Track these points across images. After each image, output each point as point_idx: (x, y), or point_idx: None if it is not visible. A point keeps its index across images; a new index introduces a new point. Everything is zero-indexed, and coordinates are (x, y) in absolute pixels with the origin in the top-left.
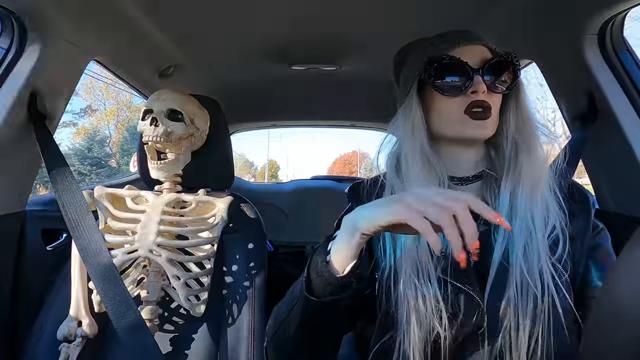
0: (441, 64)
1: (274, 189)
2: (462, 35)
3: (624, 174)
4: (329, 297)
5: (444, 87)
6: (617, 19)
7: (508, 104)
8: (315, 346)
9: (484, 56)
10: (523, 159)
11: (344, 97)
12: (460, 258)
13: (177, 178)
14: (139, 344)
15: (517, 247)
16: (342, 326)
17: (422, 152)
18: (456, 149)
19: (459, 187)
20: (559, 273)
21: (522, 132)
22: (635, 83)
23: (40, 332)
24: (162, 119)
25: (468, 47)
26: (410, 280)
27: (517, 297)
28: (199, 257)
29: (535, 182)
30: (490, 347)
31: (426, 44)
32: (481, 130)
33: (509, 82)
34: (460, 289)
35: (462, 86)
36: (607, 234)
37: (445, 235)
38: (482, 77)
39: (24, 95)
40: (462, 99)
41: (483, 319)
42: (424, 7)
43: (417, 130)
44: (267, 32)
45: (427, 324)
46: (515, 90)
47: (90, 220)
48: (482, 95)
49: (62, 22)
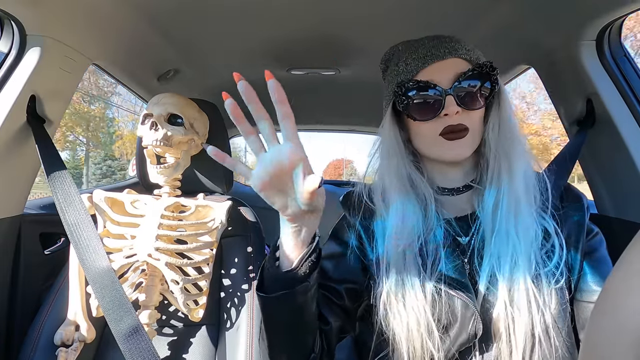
0: (409, 89)
1: None
2: (433, 50)
3: (622, 178)
4: (279, 291)
5: (414, 113)
6: (615, 25)
7: (489, 114)
8: (287, 346)
9: (457, 70)
10: (503, 171)
11: (343, 102)
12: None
13: (176, 182)
14: (136, 348)
15: (503, 257)
16: (310, 327)
17: (398, 175)
18: (443, 166)
19: (450, 197)
20: (555, 280)
21: (503, 143)
22: (633, 88)
23: (37, 337)
24: (161, 123)
25: (438, 64)
26: (402, 292)
27: (509, 306)
28: (197, 261)
29: (516, 193)
30: (486, 356)
31: (401, 58)
32: (459, 150)
33: (487, 94)
34: (454, 297)
35: (434, 110)
36: (602, 237)
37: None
38: (455, 97)
39: (23, 99)
40: (436, 122)
41: (479, 327)
42: (422, 12)
43: (394, 154)
44: (266, 37)
45: (421, 335)
46: (497, 99)
47: (89, 224)
48: (456, 117)
49: (61, 26)
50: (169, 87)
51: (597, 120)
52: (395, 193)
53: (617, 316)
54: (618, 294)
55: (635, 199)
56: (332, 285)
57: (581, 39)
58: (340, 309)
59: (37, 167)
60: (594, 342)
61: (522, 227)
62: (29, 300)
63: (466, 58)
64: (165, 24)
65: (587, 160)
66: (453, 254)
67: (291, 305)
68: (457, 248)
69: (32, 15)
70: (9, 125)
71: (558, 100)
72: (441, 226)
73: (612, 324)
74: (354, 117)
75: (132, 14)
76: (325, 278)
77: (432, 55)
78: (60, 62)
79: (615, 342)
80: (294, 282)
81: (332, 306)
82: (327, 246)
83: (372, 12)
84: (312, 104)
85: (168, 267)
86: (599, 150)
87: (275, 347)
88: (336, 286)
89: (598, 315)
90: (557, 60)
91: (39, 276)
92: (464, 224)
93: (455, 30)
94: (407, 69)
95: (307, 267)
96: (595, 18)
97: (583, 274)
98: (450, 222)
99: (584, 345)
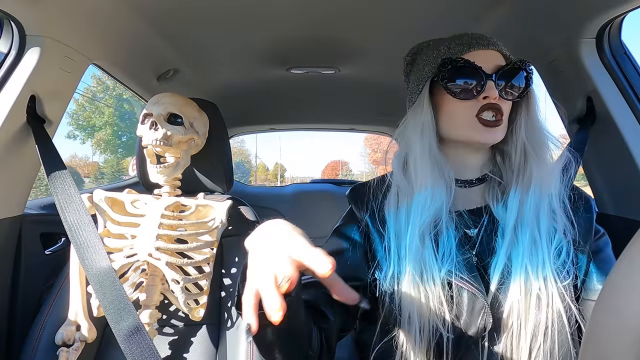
0: (455, 66)
1: (274, 192)
2: (478, 39)
3: (622, 176)
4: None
5: (456, 89)
6: (615, 22)
7: (518, 111)
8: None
9: (497, 62)
10: (532, 168)
11: (343, 100)
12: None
13: (176, 182)
14: (137, 348)
15: (522, 253)
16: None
17: (430, 154)
18: (463, 152)
19: (463, 189)
20: (563, 278)
21: (532, 140)
22: (633, 86)
23: (38, 336)
24: (161, 123)
25: (482, 52)
26: (413, 281)
27: (521, 302)
28: (198, 260)
29: (544, 191)
30: (493, 349)
31: (440, 45)
32: (491, 135)
33: (521, 90)
34: (464, 290)
35: (475, 90)
36: (607, 238)
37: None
38: (495, 83)
39: (23, 99)
40: (473, 103)
41: (488, 320)
42: (422, 10)
43: (427, 132)
44: (266, 36)
45: (430, 326)
46: (527, 98)
47: (89, 224)
48: (494, 102)
49: (61, 26)
50: (169, 87)
51: (597, 118)
52: (427, 170)
53: (618, 313)
54: (619, 292)
55: (635, 196)
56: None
57: (581, 36)
58: (342, 306)
59: (37, 168)
60: (595, 339)
61: (545, 226)
62: (30, 300)
63: (505, 54)
64: (165, 23)
65: (587, 158)
66: (464, 247)
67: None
68: (468, 241)
69: (32, 16)
70: (9, 126)
71: (558, 98)
72: (453, 218)
73: (614, 321)
74: (354, 116)
75: (132, 13)
76: None
77: (477, 42)
78: (60, 62)
79: (617, 340)
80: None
81: (333, 304)
82: (330, 242)
83: (372, 11)
84: (312, 103)
85: (169, 266)
86: (599, 148)
87: (269, 348)
88: None
89: (599, 312)
90: (557, 58)
91: (40, 276)
92: (475, 217)
93: (455, 28)
94: (449, 51)
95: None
96: (595, 16)
97: (589, 273)
98: (462, 214)
99: (585, 341)
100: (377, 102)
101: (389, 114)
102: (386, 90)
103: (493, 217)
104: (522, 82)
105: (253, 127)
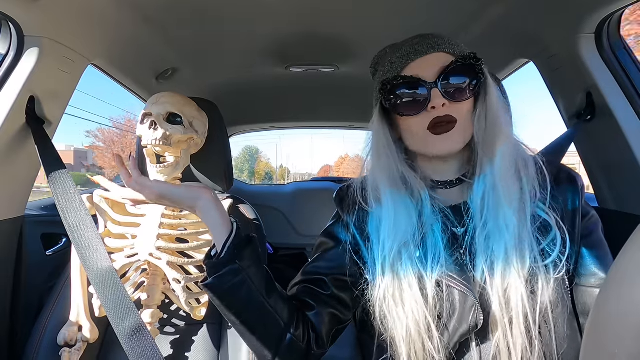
0: (395, 85)
1: (274, 191)
2: (417, 45)
3: (622, 171)
4: (212, 276)
5: (401, 109)
6: (614, 17)
7: (477, 106)
8: (251, 327)
9: (442, 64)
10: (486, 162)
11: (342, 99)
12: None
13: (176, 181)
14: (139, 347)
15: (495, 249)
16: (269, 307)
17: (389, 173)
18: (434, 161)
19: (444, 190)
20: (555, 271)
21: (488, 134)
22: (632, 81)
23: (40, 337)
24: (161, 123)
25: (423, 59)
26: (402, 283)
27: (510, 295)
28: (199, 259)
29: (501, 183)
30: (487, 346)
31: (386, 59)
32: (448, 144)
33: (473, 85)
34: (454, 289)
35: (420, 104)
36: (598, 219)
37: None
38: (440, 89)
39: (22, 100)
40: (423, 116)
41: (479, 317)
42: (421, 7)
43: (383, 151)
44: (264, 34)
45: (422, 326)
46: (483, 91)
47: (90, 225)
48: (443, 109)
49: (59, 27)
50: (168, 86)
51: (597, 113)
52: (387, 191)
53: (621, 303)
54: (622, 283)
55: (635, 191)
56: (317, 277)
57: (580, 32)
58: (329, 297)
59: (37, 169)
60: (598, 329)
61: (508, 217)
62: (31, 301)
63: (450, 52)
64: (163, 22)
65: (587, 153)
66: (453, 247)
67: (230, 288)
68: (456, 241)
69: (30, 17)
70: (9, 127)
71: (557, 93)
72: (439, 220)
73: (617, 311)
74: (354, 113)
75: (130, 13)
76: (313, 272)
77: (415, 51)
78: (58, 63)
79: (619, 329)
80: (223, 266)
81: (318, 295)
82: (319, 241)
83: (370, 8)
84: (311, 101)
85: (170, 266)
86: (599, 143)
87: (243, 333)
88: (322, 277)
89: (602, 302)
90: (556, 53)
91: (42, 277)
92: (458, 214)
93: (455, 25)
94: (392, 67)
95: (232, 249)
96: (595, 11)
97: (581, 258)
98: (447, 213)
99: (588, 331)
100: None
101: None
102: None
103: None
104: (472, 77)
105: (252, 125)
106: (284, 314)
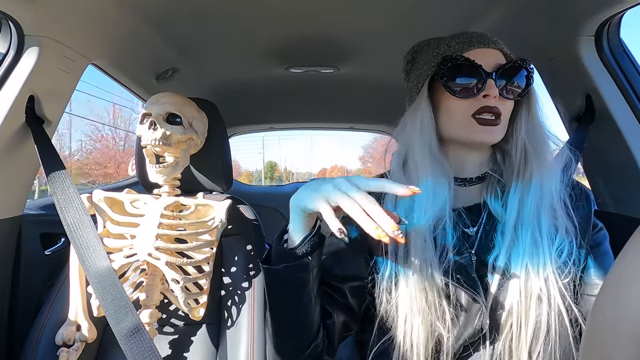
0: (455, 64)
1: (273, 191)
2: (478, 37)
3: (621, 174)
4: (282, 264)
5: (456, 88)
6: (614, 20)
7: (519, 110)
8: (291, 328)
9: (498, 61)
10: (533, 167)
11: (342, 100)
12: (378, 237)
13: (175, 181)
14: (138, 347)
15: (522, 253)
16: (312, 310)
17: (430, 152)
18: (462, 151)
19: (462, 187)
20: (564, 279)
21: (532, 139)
22: (632, 84)
23: (38, 337)
24: (160, 123)
25: (483, 50)
26: (411, 282)
27: (521, 303)
28: (198, 260)
29: (545, 190)
30: (492, 350)
31: (440, 43)
32: (489, 135)
33: (521, 89)
34: (462, 290)
35: (474, 89)
36: (605, 232)
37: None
38: (495, 82)
39: (22, 99)
40: (472, 102)
41: (485, 321)
42: (422, 9)
43: (426, 130)
44: (265, 35)
45: (428, 326)
46: (527, 97)
47: (89, 224)
48: (494, 101)
49: (59, 26)
50: (168, 87)
51: (597, 116)
52: (428, 168)
53: (618, 307)
54: (619, 287)
55: (634, 194)
56: (335, 284)
57: (580, 34)
58: (345, 306)
59: (36, 168)
60: (595, 333)
61: (546, 225)
62: (30, 300)
63: (506, 52)
64: (164, 22)
65: (586, 156)
66: (462, 246)
67: (293, 280)
68: (467, 240)
69: (30, 16)
70: (8, 126)
71: (557, 96)
72: (451, 217)
73: (614, 315)
74: (353, 115)
75: (131, 13)
76: (328, 276)
77: (477, 41)
78: (58, 63)
79: (617, 333)
80: (295, 257)
81: (336, 302)
82: (329, 242)
83: (371, 10)
84: (311, 102)
85: (168, 266)
86: (599, 146)
87: (279, 330)
88: (339, 285)
89: (600, 306)
90: (556, 56)
91: (40, 276)
92: (473, 214)
93: (454, 27)
94: (449, 49)
95: (309, 246)
96: (594, 13)
97: (587, 268)
98: (461, 213)
99: (585, 335)
100: (377, 101)
101: (388, 113)
102: (385, 89)
103: (491, 215)
104: (523, 81)
105: (252, 126)
106: (317, 323)
